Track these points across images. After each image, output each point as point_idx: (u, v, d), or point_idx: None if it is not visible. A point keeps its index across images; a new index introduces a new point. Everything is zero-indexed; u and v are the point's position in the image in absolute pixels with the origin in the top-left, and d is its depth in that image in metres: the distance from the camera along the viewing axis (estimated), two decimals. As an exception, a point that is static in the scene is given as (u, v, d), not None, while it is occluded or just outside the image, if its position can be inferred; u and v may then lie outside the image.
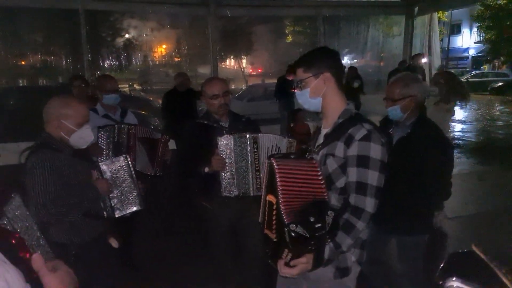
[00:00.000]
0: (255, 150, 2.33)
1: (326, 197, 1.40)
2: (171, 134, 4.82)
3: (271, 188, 1.46)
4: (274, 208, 1.40)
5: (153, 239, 3.89)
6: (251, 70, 15.86)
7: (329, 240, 1.40)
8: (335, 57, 1.69)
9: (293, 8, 9.24)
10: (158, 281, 3.23)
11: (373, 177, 1.52)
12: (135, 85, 11.08)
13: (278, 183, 1.35)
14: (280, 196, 1.34)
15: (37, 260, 0.89)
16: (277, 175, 1.37)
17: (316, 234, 1.26)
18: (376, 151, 1.53)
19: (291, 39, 15.28)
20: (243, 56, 15.37)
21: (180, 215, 4.41)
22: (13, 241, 0.94)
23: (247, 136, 2.32)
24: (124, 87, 10.68)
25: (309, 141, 1.86)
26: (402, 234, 2.43)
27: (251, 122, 2.66)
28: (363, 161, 1.52)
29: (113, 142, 2.82)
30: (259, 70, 15.69)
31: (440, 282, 0.81)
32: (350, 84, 7.26)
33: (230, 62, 15.62)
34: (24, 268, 0.88)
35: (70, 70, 7.76)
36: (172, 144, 3.21)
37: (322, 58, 1.66)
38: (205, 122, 2.52)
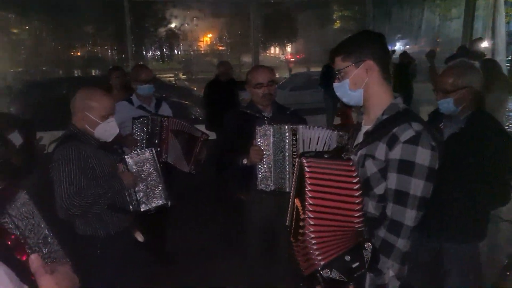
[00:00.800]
0: (294, 143, 2.17)
1: (360, 223, 1.20)
2: (212, 124, 4.79)
3: (300, 192, 1.29)
4: (301, 218, 1.23)
5: (186, 233, 3.87)
6: (290, 57, 15.37)
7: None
8: (380, 42, 1.44)
9: (341, -9, 8.78)
10: (187, 275, 3.21)
11: (417, 187, 1.29)
12: (180, 75, 11.25)
13: (308, 194, 1.17)
14: (310, 214, 1.16)
15: (34, 262, 0.86)
16: (307, 181, 1.19)
17: (355, 275, 1.10)
18: (423, 156, 1.28)
19: (339, 24, 14.63)
20: (286, 44, 15.00)
21: (215, 209, 4.37)
22: (9, 242, 0.91)
23: (286, 127, 2.17)
24: (170, 77, 10.89)
25: (348, 139, 1.66)
26: (455, 242, 2.16)
27: (296, 115, 2.50)
28: (406, 167, 1.29)
29: (147, 133, 2.80)
30: (298, 57, 15.19)
31: (508, 273, 0.66)
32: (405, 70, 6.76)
33: (274, 50, 15.32)
34: (20, 269, 0.85)
35: (115, 61, 8.02)
36: (212, 135, 3.14)
37: (364, 44, 1.43)
38: (248, 111, 2.42)
